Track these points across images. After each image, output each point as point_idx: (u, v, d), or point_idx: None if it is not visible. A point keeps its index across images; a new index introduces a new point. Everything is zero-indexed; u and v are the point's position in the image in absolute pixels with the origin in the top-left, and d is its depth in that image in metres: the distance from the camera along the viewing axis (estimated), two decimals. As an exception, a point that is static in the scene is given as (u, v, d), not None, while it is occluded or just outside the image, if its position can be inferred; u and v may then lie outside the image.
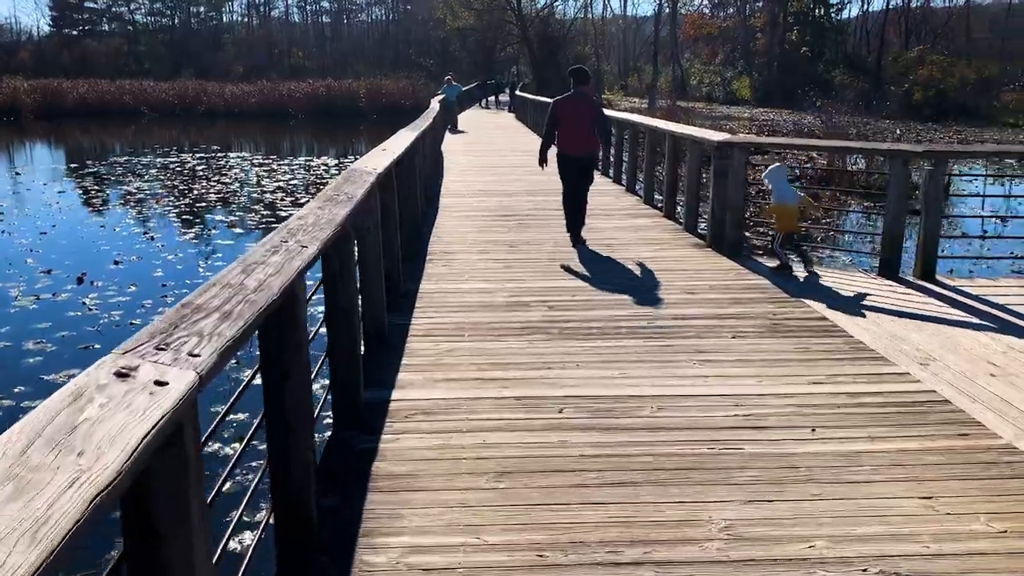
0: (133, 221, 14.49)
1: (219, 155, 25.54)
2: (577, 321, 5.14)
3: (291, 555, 2.56)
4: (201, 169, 21.70)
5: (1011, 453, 3.33)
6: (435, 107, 16.31)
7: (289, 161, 24.33)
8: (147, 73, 58.98)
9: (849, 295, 5.92)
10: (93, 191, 18.33)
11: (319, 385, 4.30)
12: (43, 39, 72.87)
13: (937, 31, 57.00)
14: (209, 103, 45.44)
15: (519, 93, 34.63)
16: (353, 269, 3.63)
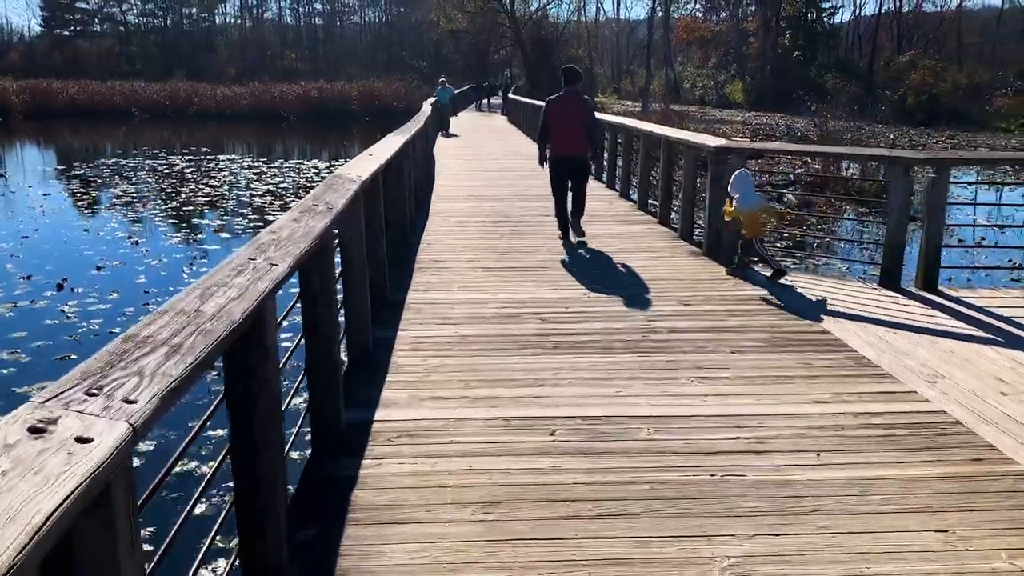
0: (118, 225, 14.22)
1: (209, 157, 25.26)
2: (570, 334, 4.94)
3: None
4: (190, 172, 21.43)
5: (1029, 481, 3.14)
6: (427, 110, 16.12)
7: (280, 164, 24.07)
8: (139, 74, 58.63)
9: (850, 307, 5.74)
10: (79, 194, 18.04)
11: (301, 399, 4.08)
12: (34, 39, 72.52)
13: (929, 36, 57.13)
14: (200, 105, 45.14)
15: (512, 96, 34.46)
16: (333, 287, 3.41)
